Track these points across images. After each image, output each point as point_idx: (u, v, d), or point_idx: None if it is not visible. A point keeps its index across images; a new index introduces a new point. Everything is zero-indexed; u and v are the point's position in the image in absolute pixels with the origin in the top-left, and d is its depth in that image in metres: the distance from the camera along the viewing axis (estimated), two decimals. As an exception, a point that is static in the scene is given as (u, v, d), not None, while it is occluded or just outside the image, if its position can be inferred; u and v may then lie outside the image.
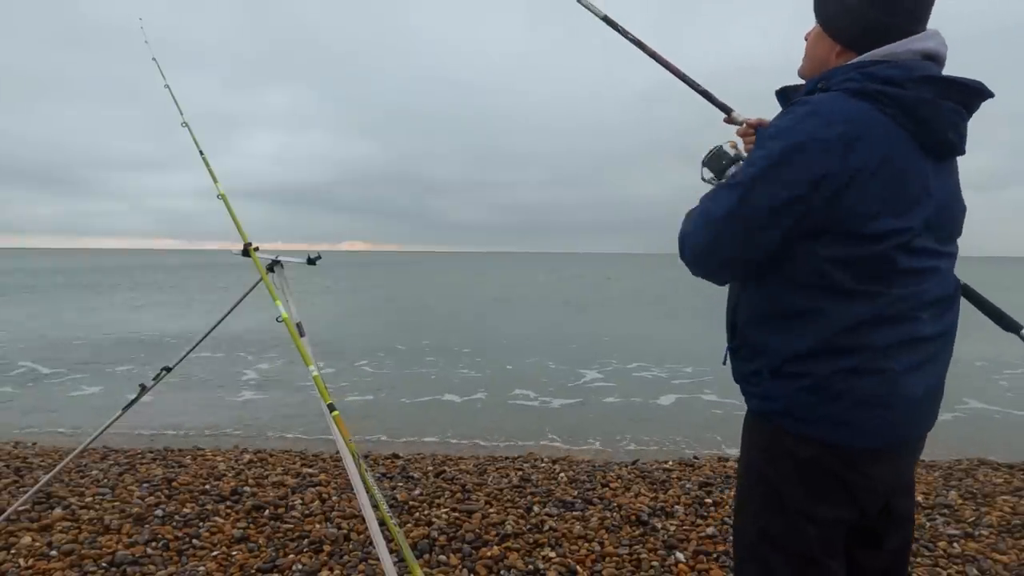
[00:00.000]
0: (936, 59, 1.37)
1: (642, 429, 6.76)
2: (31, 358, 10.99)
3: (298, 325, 2.46)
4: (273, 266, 2.70)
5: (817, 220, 1.29)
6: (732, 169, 1.62)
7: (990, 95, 1.36)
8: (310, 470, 4.35)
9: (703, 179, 1.66)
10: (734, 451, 5.65)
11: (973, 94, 1.35)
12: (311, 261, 2.86)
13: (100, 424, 3.08)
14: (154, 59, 3.16)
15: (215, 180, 2.81)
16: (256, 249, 2.65)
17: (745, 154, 1.68)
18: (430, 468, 4.50)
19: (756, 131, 1.58)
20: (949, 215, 1.40)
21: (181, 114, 2.99)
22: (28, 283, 35.46)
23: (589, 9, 2.12)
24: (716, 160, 1.62)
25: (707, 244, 1.40)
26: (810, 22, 1.55)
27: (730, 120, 1.80)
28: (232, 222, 2.70)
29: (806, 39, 1.53)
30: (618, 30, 2.06)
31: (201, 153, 2.91)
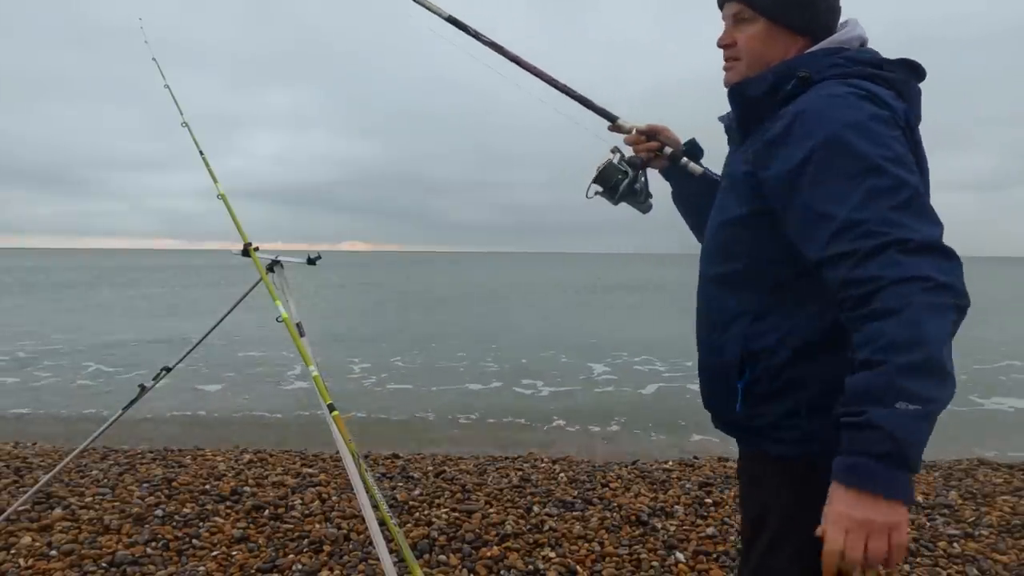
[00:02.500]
0: (865, 46, 1.32)
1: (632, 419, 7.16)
2: (95, 359, 11.20)
3: (298, 325, 2.46)
4: (273, 266, 2.70)
5: None
6: (626, 182, 1.61)
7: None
8: (310, 470, 4.35)
9: (588, 196, 1.66)
10: (723, 448, 5.64)
11: (922, 75, 1.29)
12: (311, 261, 2.86)
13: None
14: (154, 59, 3.16)
15: (215, 180, 2.81)
16: (256, 249, 2.65)
17: (636, 161, 1.65)
18: (430, 468, 4.50)
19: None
20: None
21: (181, 114, 2.99)
22: (57, 281, 36.29)
23: (431, 10, 1.85)
24: (610, 175, 1.61)
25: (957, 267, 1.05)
26: None
27: (616, 128, 1.68)
28: (232, 222, 2.70)
29: (728, 45, 1.36)
30: (469, 32, 1.80)
31: (201, 153, 2.91)
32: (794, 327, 1.23)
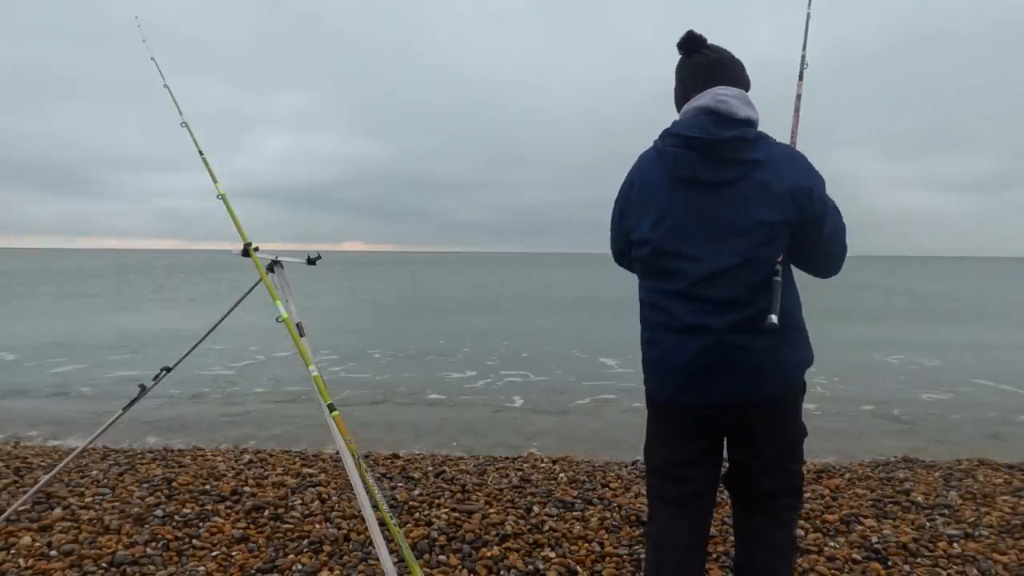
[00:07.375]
0: (712, 111, 1.78)
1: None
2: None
3: (298, 325, 2.46)
4: (273, 266, 2.70)
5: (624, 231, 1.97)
6: None
7: (718, 140, 1.73)
8: (310, 470, 4.35)
9: None
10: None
11: (696, 143, 1.75)
12: (311, 261, 2.86)
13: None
14: (152, 59, 3.15)
15: (215, 180, 2.81)
16: (256, 249, 2.65)
17: None
18: (430, 468, 4.50)
19: None
20: (710, 228, 1.75)
21: (180, 114, 2.99)
22: (97, 283, 36.68)
23: None
24: None
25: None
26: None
27: None
28: (233, 222, 2.70)
29: None
30: None
31: (200, 153, 2.91)
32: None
